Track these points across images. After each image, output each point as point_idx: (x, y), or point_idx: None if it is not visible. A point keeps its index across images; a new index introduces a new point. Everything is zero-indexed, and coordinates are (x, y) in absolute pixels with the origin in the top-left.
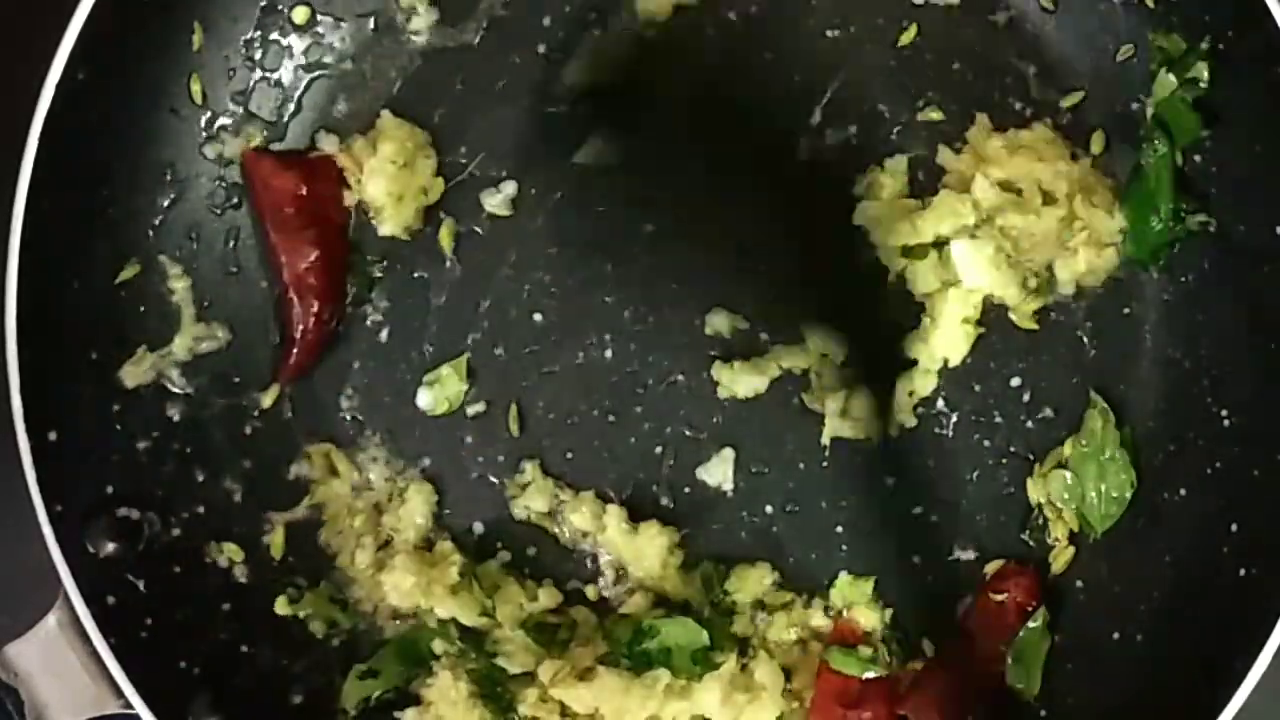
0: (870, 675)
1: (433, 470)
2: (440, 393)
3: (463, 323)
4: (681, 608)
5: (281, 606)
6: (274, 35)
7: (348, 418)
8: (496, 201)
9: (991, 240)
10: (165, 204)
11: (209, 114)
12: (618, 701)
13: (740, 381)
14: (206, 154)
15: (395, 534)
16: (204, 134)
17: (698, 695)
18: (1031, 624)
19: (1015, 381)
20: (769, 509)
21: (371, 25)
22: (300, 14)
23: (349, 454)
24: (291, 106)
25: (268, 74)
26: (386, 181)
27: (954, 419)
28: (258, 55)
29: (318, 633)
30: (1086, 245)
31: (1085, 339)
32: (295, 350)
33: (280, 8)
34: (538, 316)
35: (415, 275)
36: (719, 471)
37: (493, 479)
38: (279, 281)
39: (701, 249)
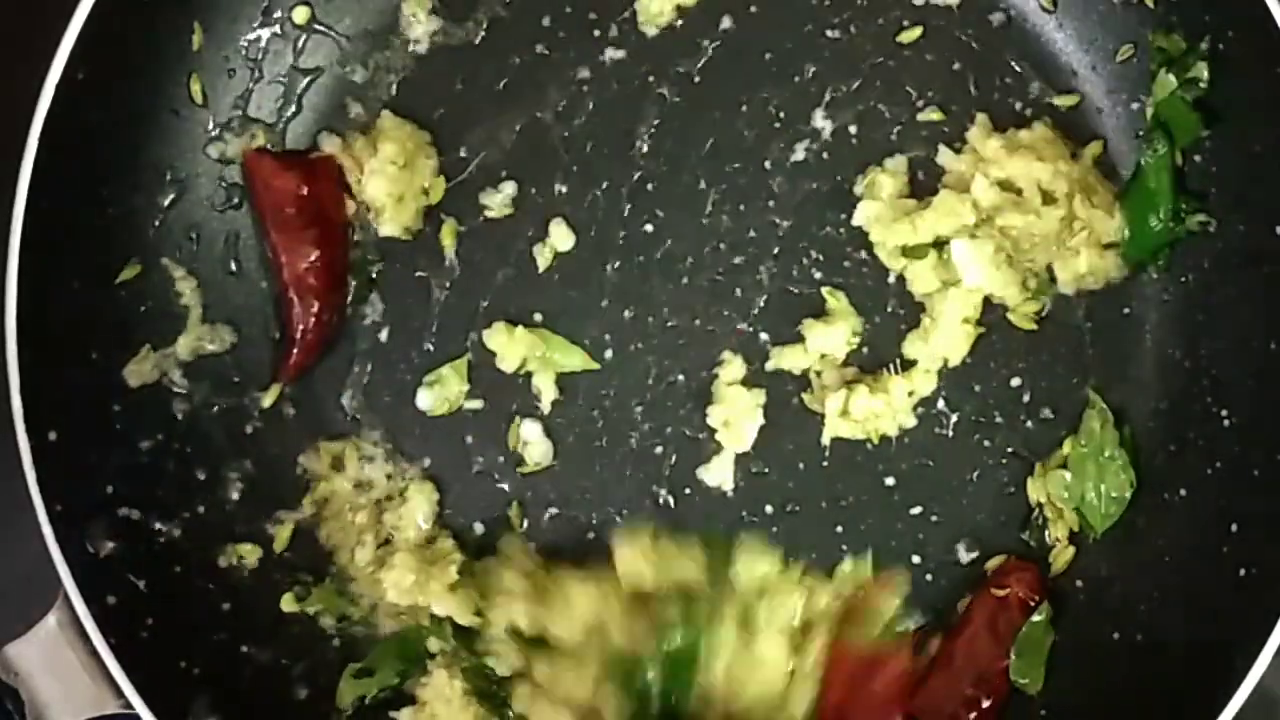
0: (884, 643)
1: (433, 470)
2: (440, 393)
3: (463, 323)
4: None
5: (288, 604)
6: (274, 35)
7: (348, 418)
8: (496, 201)
9: (991, 240)
10: (165, 204)
11: (209, 114)
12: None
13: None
14: (208, 154)
15: (396, 532)
16: (205, 134)
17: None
18: (1035, 619)
19: (1015, 381)
20: (769, 509)
21: (372, 26)
22: (300, 14)
23: (352, 447)
24: (292, 107)
25: (268, 74)
26: (387, 182)
27: (954, 419)
28: (258, 55)
29: (328, 627)
30: (1087, 245)
31: (1085, 339)
32: (295, 350)
33: (280, 8)
34: (538, 316)
35: (415, 275)
36: (719, 471)
37: (493, 478)
38: (279, 281)
39: (700, 249)
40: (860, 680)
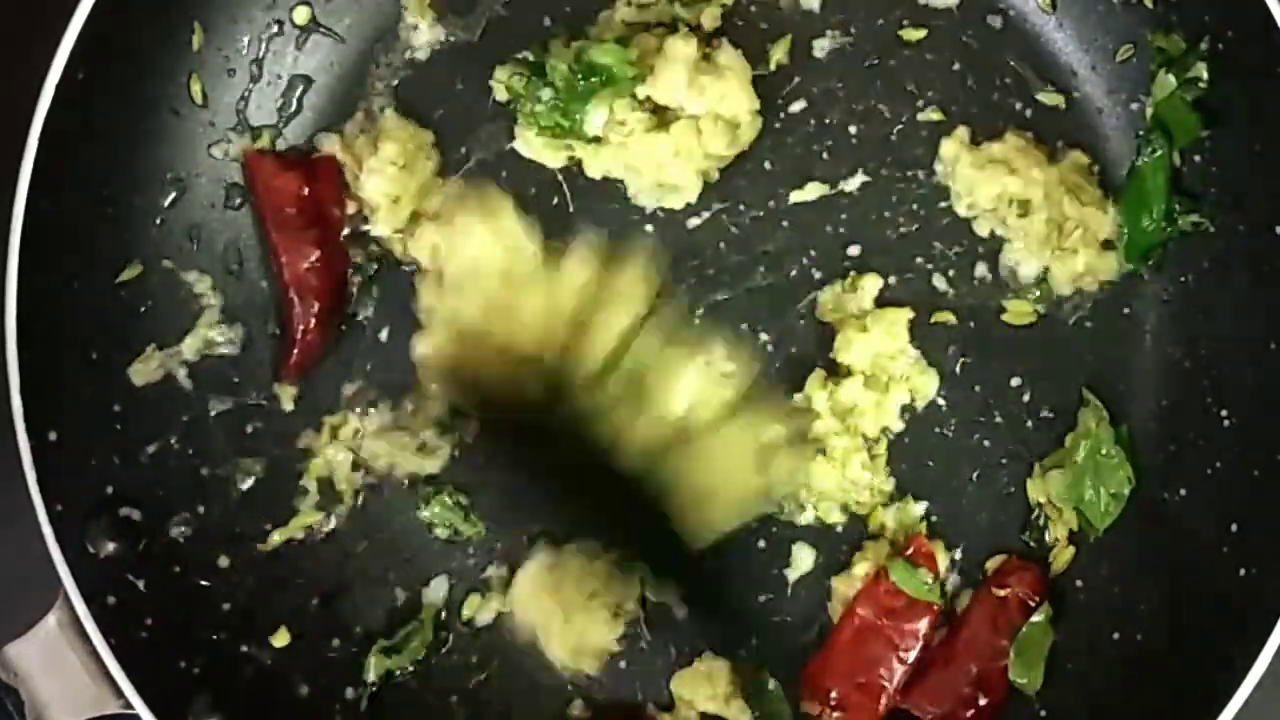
0: (916, 598)
1: None
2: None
3: None
4: None
5: (281, 638)
6: (275, 35)
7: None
8: None
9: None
10: (166, 204)
11: (209, 114)
12: None
13: None
14: (209, 154)
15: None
16: (205, 134)
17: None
18: (1035, 619)
19: (1015, 381)
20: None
21: (372, 26)
22: (301, 14)
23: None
24: (292, 107)
25: (268, 74)
26: (386, 182)
27: (954, 419)
28: (258, 55)
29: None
30: (1084, 245)
31: (1085, 339)
32: (296, 350)
33: (281, 8)
34: None
35: (415, 275)
36: None
37: None
38: (279, 281)
39: (694, 243)
40: (885, 613)
